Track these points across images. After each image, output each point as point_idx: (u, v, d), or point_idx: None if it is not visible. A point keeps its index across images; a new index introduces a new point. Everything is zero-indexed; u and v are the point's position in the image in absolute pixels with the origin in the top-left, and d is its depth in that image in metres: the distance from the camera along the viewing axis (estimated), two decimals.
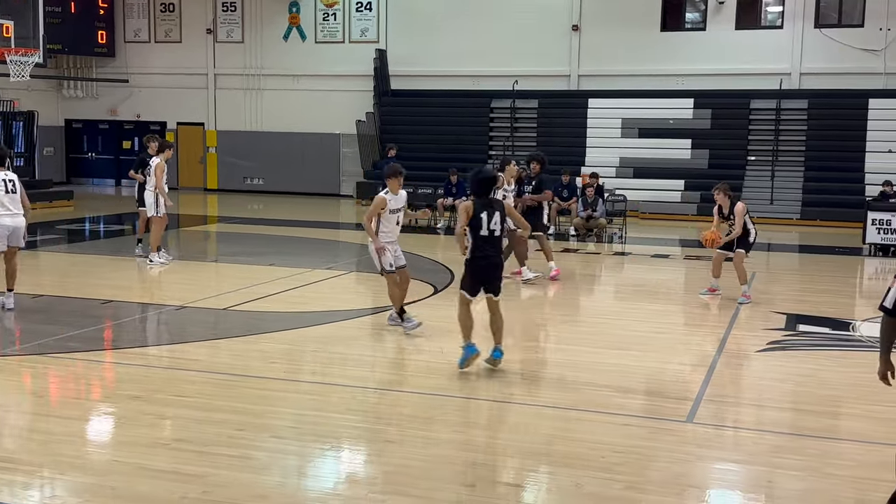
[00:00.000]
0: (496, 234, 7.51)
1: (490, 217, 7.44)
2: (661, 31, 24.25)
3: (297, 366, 8.13)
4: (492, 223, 7.44)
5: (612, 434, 6.20)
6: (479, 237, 7.48)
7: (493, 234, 7.48)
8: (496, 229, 7.48)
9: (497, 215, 7.48)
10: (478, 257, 7.53)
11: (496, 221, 7.46)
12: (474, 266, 7.57)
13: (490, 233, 7.46)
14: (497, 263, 7.63)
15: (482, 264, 7.54)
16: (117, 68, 28.97)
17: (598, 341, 9.16)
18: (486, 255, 7.52)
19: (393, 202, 9.07)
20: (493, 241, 7.53)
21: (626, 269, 15.11)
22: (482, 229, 7.45)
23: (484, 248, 7.49)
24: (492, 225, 7.45)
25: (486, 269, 7.56)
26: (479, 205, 7.49)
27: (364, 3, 26.74)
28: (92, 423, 6.43)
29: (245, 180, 28.03)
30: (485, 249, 7.50)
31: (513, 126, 25.16)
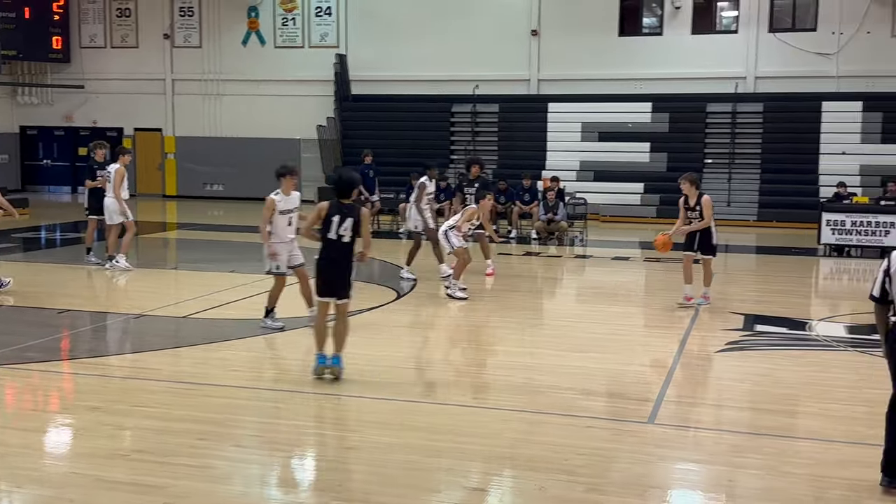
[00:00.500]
0: (343, 241, 7.30)
1: (341, 222, 7.27)
2: (619, 36, 24.46)
3: (259, 373, 8.07)
4: (341, 228, 7.27)
5: (575, 436, 6.24)
6: (326, 239, 7.36)
7: (340, 240, 7.29)
8: (344, 235, 7.28)
9: (349, 221, 7.27)
10: (321, 258, 7.45)
11: (346, 227, 7.26)
12: (318, 267, 7.53)
13: (338, 237, 7.29)
14: (338, 268, 7.39)
15: (322, 266, 7.43)
16: (73, 74, 28.54)
17: (560, 344, 9.21)
18: (328, 257, 7.36)
19: (283, 203, 9.15)
20: (338, 246, 7.31)
21: (588, 272, 15.23)
22: (329, 232, 7.30)
23: (328, 250, 7.38)
24: (340, 230, 7.27)
25: (326, 271, 7.41)
26: (334, 208, 7.34)
27: (324, 7, 26.65)
28: (49, 434, 6.33)
29: (205, 186, 27.76)
30: (328, 252, 7.37)
31: (474, 130, 25.21)
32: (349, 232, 7.28)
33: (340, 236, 7.28)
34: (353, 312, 10.48)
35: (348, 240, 7.32)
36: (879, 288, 5.31)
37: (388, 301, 11.32)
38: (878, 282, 5.32)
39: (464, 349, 9.40)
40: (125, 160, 13.21)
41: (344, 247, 7.34)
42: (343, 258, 7.39)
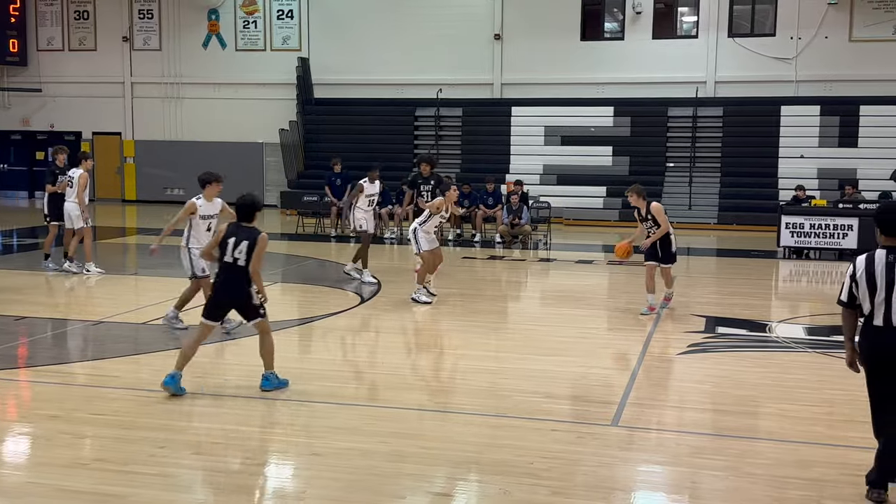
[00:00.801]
0: (238, 264, 7.06)
1: (236, 245, 7.06)
2: (581, 41, 24.64)
3: (221, 380, 7.98)
4: (235, 251, 7.05)
5: (539, 440, 6.25)
6: (222, 262, 7.16)
7: (235, 263, 7.07)
8: (239, 258, 7.04)
9: (244, 244, 7.04)
10: (215, 281, 7.27)
11: (241, 251, 7.03)
12: (213, 288, 7.34)
13: (233, 260, 7.07)
14: (232, 291, 7.13)
15: (215, 288, 7.26)
16: (30, 77, 28.09)
17: (524, 348, 9.22)
18: (223, 279, 7.16)
19: (204, 208, 9.14)
20: (233, 268, 7.08)
21: (552, 276, 15.29)
22: (225, 255, 7.12)
23: (222, 273, 7.15)
24: (235, 253, 7.06)
25: (218, 294, 7.21)
26: (231, 230, 7.20)
27: (285, 10, 26.51)
28: (7, 444, 6.20)
29: (165, 190, 27.43)
30: (223, 274, 7.14)
31: (437, 134, 25.24)
32: (244, 255, 7.04)
33: (235, 259, 7.04)
34: (318, 317, 10.47)
35: (243, 263, 7.04)
36: (847, 293, 5.31)
37: (352, 306, 11.27)
38: (845, 287, 5.33)
39: (428, 353, 9.38)
40: (88, 165, 13.23)
41: (239, 270, 7.06)
42: (237, 281, 7.09)
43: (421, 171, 14.90)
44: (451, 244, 18.09)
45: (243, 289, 7.14)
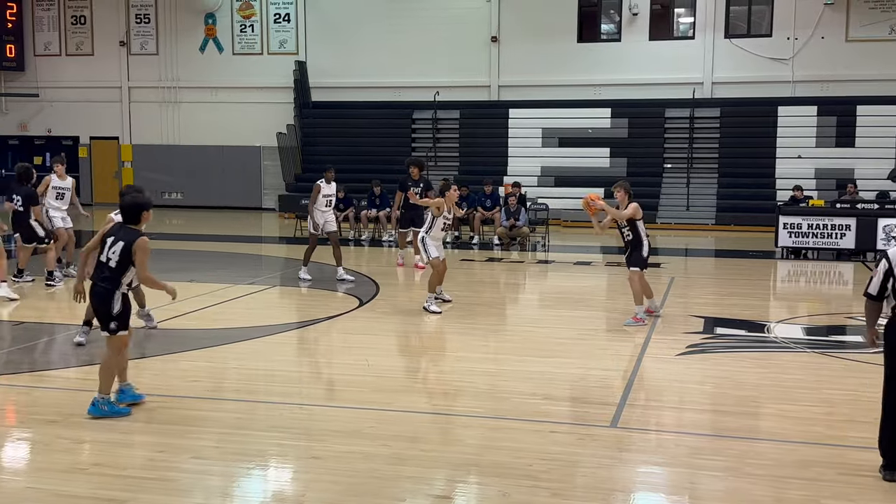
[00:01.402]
0: (110, 265, 6.70)
1: (112, 245, 6.75)
2: (578, 42, 24.68)
3: (220, 384, 7.98)
4: (110, 251, 6.73)
5: (539, 441, 6.25)
6: (98, 261, 6.84)
7: (107, 263, 6.71)
8: (112, 258, 6.70)
9: (119, 245, 6.71)
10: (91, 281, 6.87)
11: (115, 251, 6.70)
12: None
13: (107, 260, 6.73)
14: (96, 292, 6.74)
15: (90, 289, 6.84)
16: (27, 82, 28.10)
17: (523, 349, 9.22)
18: (94, 280, 6.80)
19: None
20: (104, 268, 6.73)
21: (550, 277, 15.30)
22: (101, 254, 6.81)
23: (96, 272, 6.80)
24: (109, 253, 6.73)
25: (90, 295, 6.83)
26: (113, 229, 6.95)
27: (282, 14, 26.53)
28: (5, 449, 6.19)
29: (163, 195, 27.42)
30: (95, 275, 6.80)
31: (435, 137, 25.25)
32: (117, 257, 6.68)
33: (108, 259, 6.72)
34: (317, 320, 10.47)
35: (114, 265, 6.69)
36: (878, 287, 5.53)
37: (351, 308, 11.27)
38: (877, 281, 5.54)
39: (426, 356, 9.39)
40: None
41: (109, 270, 6.70)
42: (105, 282, 6.70)
43: (410, 174, 14.99)
44: (450, 246, 18.09)
45: (108, 293, 6.66)
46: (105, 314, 6.68)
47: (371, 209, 19.57)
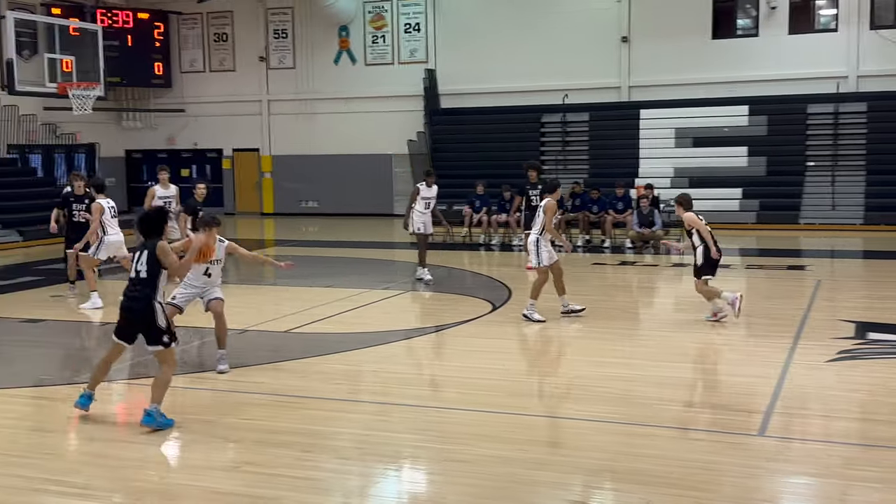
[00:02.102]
0: (141, 276, 6.80)
1: (138, 258, 6.89)
2: (713, 39, 24.01)
3: (360, 386, 8.18)
4: (139, 263, 6.86)
5: (681, 449, 6.11)
6: (129, 278, 6.94)
7: (137, 275, 6.83)
8: (141, 270, 6.81)
9: (145, 254, 6.84)
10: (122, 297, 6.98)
11: (142, 262, 6.82)
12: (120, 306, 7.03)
13: (136, 273, 6.85)
14: (129, 307, 6.83)
15: (121, 304, 6.95)
16: (174, 98, 29.64)
17: (660, 355, 9.04)
18: (125, 295, 6.90)
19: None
20: (137, 280, 6.84)
21: (686, 281, 14.88)
22: (131, 269, 6.96)
23: (127, 289, 6.92)
24: (138, 266, 6.86)
25: (122, 310, 6.93)
26: (139, 245, 7.05)
27: (412, 24, 26.99)
28: (164, 447, 6.54)
29: (300, 203, 28.39)
30: (127, 290, 6.91)
31: (564, 140, 25.10)
32: (145, 266, 6.81)
33: (138, 272, 6.85)
34: (450, 324, 10.59)
35: (144, 275, 6.80)
36: None
37: (484, 313, 11.33)
38: None
39: (561, 360, 9.33)
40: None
41: (141, 281, 6.81)
42: (139, 294, 6.80)
43: (529, 178, 15.06)
44: (581, 250, 17.94)
45: (147, 304, 6.75)
46: (154, 328, 6.73)
47: (501, 213, 19.62)
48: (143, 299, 6.75)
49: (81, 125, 26.69)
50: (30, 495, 5.41)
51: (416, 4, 26.81)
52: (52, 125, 26.38)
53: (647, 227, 17.65)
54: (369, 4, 27.32)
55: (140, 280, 6.80)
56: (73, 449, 6.53)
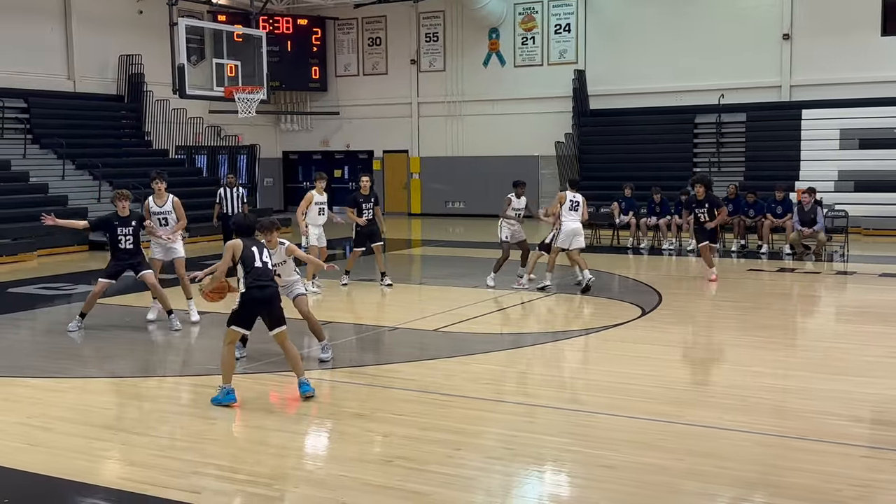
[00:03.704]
0: (268, 267, 7.50)
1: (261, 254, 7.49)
2: (882, 36, 22.66)
3: (508, 387, 8.19)
4: (262, 257, 7.47)
5: (848, 466, 5.78)
6: (255, 268, 7.37)
7: (265, 265, 7.45)
8: (267, 261, 7.51)
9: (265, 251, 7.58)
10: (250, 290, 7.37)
11: (266, 256, 7.54)
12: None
13: (263, 264, 7.43)
14: (270, 296, 7.45)
15: (254, 295, 7.36)
16: (329, 101, 30.64)
17: (822, 367, 8.60)
18: (258, 286, 7.37)
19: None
20: (263, 271, 7.43)
21: (850, 290, 14.13)
22: (256, 261, 7.40)
23: (259, 279, 7.37)
24: (263, 258, 7.47)
25: (257, 301, 7.38)
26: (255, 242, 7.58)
27: (563, 25, 26.81)
28: (320, 438, 6.76)
29: (447, 204, 28.74)
30: (258, 281, 7.37)
31: (718, 141, 24.30)
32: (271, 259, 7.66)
33: (264, 262, 7.49)
34: (599, 328, 10.45)
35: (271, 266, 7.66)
36: None
37: (633, 317, 11.11)
38: None
39: (716, 368, 9.03)
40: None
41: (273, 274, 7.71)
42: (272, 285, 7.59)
43: (696, 194, 14.23)
44: (735, 255, 17.32)
45: (277, 292, 7.63)
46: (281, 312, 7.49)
47: (651, 217, 19.20)
48: (275, 287, 7.59)
49: (243, 128, 28.01)
50: (191, 478, 5.69)
51: (568, 5, 26.62)
52: (217, 127, 27.81)
53: (807, 225, 16.75)
54: (520, 6, 27.34)
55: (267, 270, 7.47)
56: (237, 436, 6.84)
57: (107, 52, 25.22)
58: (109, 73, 25.57)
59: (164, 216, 10.84)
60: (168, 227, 10.95)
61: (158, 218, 10.83)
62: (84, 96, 24.82)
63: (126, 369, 9.00)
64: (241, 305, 7.42)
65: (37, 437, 6.55)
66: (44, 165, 22.07)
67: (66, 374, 8.65)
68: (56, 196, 20.63)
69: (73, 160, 22.45)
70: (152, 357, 9.78)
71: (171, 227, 10.85)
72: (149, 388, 8.21)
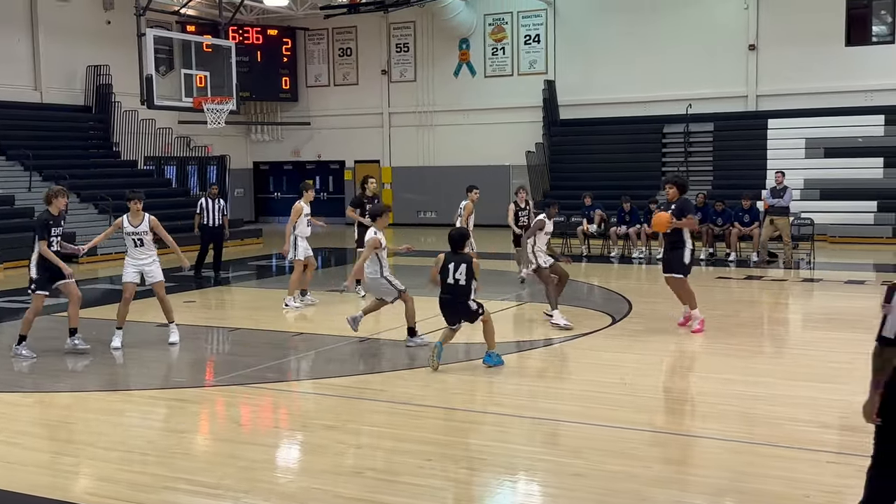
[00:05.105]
0: (460, 284, 8.70)
1: (456, 268, 8.72)
2: (846, 46, 23.04)
3: (479, 397, 8.18)
4: (456, 274, 8.70)
5: (816, 472, 5.85)
6: (444, 283, 8.76)
7: (457, 283, 8.69)
8: (460, 279, 8.70)
9: (462, 268, 8.74)
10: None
11: (461, 272, 8.71)
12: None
13: (455, 281, 8.69)
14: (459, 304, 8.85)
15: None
16: (299, 112, 30.56)
17: (791, 373, 8.69)
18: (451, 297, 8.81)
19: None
20: (456, 287, 8.77)
21: (817, 297, 14.32)
22: (448, 277, 8.75)
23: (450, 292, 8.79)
24: (456, 275, 8.70)
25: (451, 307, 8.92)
26: (448, 257, 8.86)
27: (532, 35, 26.98)
28: (290, 451, 6.72)
29: (418, 214, 28.74)
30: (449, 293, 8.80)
31: (686, 151, 24.55)
32: (463, 276, 8.73)
33: (457, 280, 8.71)
34: (570, 337, 10.49)
35: (464, 283, 8.80)
36: (894, 329, 4.24)
37: (604, 326, 11.16)
38: (891, 319, 4.27)
39: (686, 376, 9.10)
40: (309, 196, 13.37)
41: (462, 288, 8.81)
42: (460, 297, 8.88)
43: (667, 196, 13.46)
44: (703, 263, 17.48)
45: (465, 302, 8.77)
46: (472, 314, 8.86)
47: (621, 226, 19.32)
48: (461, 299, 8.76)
49: (213, 138, 27.87)
50: (161, 493, 5.63)
51: (537, 15, 26.80)
52: (186, 138, 27.63)
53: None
54: (490, 17, 27.48)
55: (460, 286, 8.71)
56: (207, 450, 6.78)
57: (74, 63, 25.00)
58: (77, 83, 25.34)
59: (140, 236, 10.32)
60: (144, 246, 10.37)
61: (133, 238, 10.38)
62: (51, 107, 24.57)
63: (92, 383, 8.89)
64: None
65: (0, 452, 6.45)
66: (10, 177, 21.79)
67: (30, 388, 8.53)
68: (22, 208, 20.38)
69: (39, 172, 22.19)
70: (119, 371, 9.68)
71: (146, 246, 10.45)
72: (115, 403, 8.12)
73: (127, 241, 10.38)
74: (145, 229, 10.35)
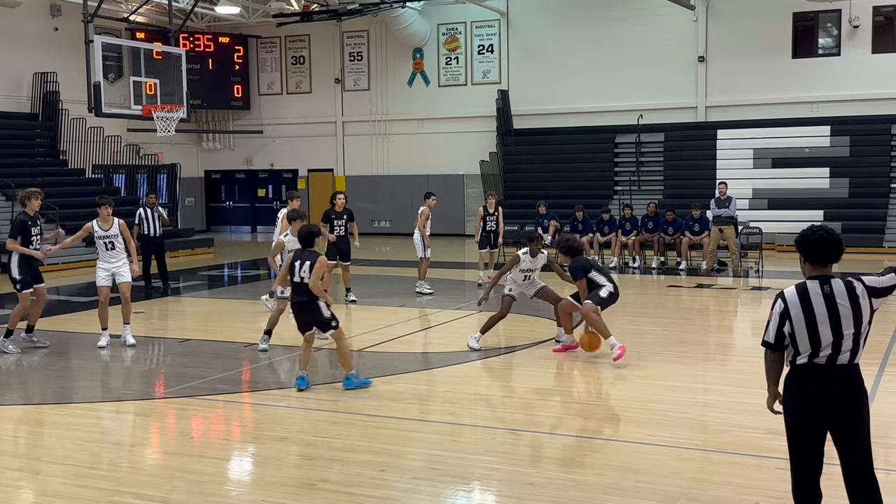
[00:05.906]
0: (305, 282, 8.23)
1: (300, 266, 8.29)
2: (793, 59, 23.53)
3: (433, 406, 8.17)
4: (301, 272, 8.26)
5: (764, 478, 5.93)
6: (293, 283, 8.42)
7: (302, 281, 8.25)
8: (304, 277, 8.24)
9: (307, 264, 8.27)
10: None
11: (305, 270, 8.26)
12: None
13: (301, 279, 8.26)
14: (305, 307, 8.37)
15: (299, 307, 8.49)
16: (252, 120, 30.30)
17: (739, 380, 8.81)
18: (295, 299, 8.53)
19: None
20: (301, 287, 8.30)
21: (765, 305, 14.54)
22: (294, 276, 8.42)
23: (294, 293, 8.46)
24: (301, 273, 8.26)
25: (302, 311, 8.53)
26: (297, 254, 8.49)
27: (486, 45, 27.11)
28: (240, 463, 6.64)
29: (373, 223, 28.64)
30: (295, 295, 8.50)
31: (638, 160, 24.83)
32: (307, 274, 8.21)
33: (302, 278, 8.24)
34: (523, 346, 10.52)
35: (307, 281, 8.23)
36: (775, 333, 4.64)
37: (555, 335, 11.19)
38: (773, 326, 4.65)
39: (636, 384, 9.16)
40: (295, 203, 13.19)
41: (306, 287, 8.25)
42: (306, 297, 8.32)
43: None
44: (654, 272, 17.68)
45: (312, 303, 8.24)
46: (322, 321, 8.27)
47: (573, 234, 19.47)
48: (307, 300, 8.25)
49: (163, 146, 27.49)
50: None
51: (490, 26, 26.94)
52: (136, 146, 27.22)
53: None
54: (443, 27, 27.56)
55: (304, 286, 8.20)
56: (155, 463, 6.66)
57: (21, 70, 24.49)
58: (23, 90, 24.83)
59: (111, 240, 10.58)
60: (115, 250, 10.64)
61: (104, 241, 10.58)
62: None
63: (40, 396, 8.70)
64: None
65: None
66: None
67: None
68: None
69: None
70: (66, 384, 9.47)
71: (117, 249, 10.65)
72: (61, 416, 7.94)
73: (98, 245, 10.75)
74: (115, 233, 10.71)
